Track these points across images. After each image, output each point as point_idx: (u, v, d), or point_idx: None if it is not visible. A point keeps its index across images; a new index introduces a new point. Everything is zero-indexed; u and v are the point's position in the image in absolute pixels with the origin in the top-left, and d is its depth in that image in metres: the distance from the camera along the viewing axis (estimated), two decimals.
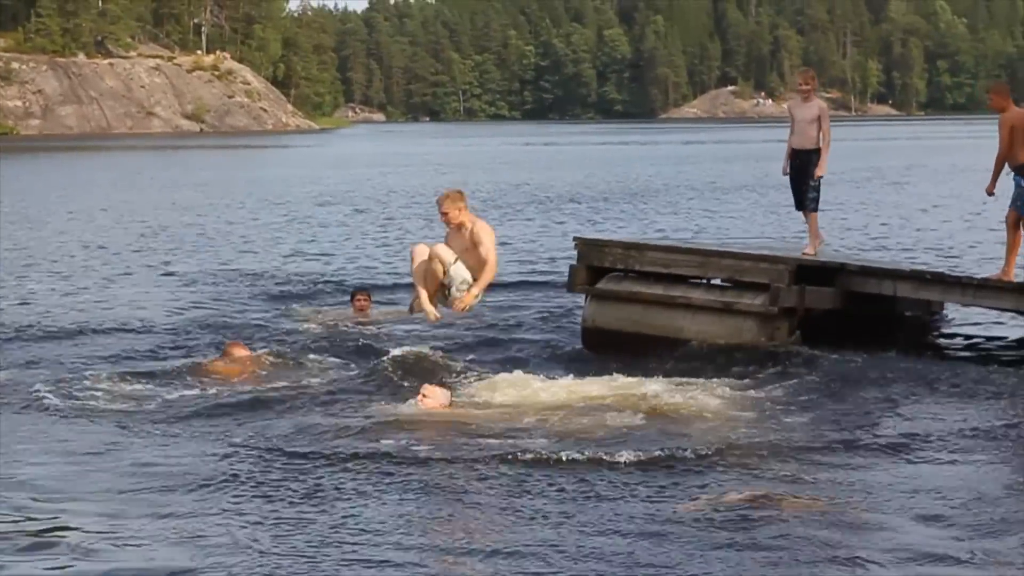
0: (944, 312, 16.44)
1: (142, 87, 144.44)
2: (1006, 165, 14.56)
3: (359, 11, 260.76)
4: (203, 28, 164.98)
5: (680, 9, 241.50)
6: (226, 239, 28.78)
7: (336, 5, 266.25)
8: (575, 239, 15.95)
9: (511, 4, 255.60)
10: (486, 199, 40.50)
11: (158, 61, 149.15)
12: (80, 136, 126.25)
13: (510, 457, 9.84)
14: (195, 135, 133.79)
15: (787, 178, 16.07)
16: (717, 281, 15.10)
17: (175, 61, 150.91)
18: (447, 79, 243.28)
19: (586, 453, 9.91)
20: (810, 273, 14.85)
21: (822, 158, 15.63)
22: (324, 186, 48.54)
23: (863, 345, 14.08)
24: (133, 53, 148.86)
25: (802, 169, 15.74)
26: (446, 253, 13.03)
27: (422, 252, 13.20)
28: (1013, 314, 15.32)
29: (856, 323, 14.65)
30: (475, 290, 12.95)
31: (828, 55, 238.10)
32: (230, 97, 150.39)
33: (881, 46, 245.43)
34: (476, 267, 13.04)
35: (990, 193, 14.62)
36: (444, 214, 13.19)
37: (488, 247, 13.05)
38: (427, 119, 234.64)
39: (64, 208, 37.27)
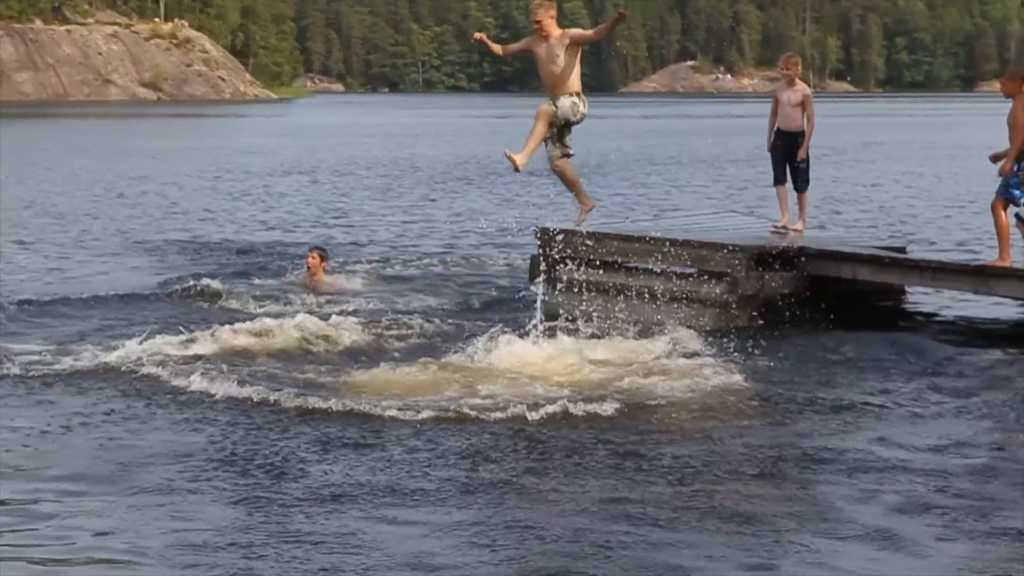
0: (907, 294, 16.47)
1: (99, 54, 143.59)
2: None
3: None
4: None
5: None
6: (185, 209, 28.63)
7: None
8: (535, 229, 15.84)
9: None
10: (445, 171, 40.46)
11: (116, 28, 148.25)
12: (36, 103, 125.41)
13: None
14: (152, 103, 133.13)
15: (765, 153, 17.06)
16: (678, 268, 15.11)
17: (133, 28, 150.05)
18: (406, 50, 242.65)
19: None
20: (770, 258, 14.89)
21: (806, 141, 16.42)
22: (283, 156, 48.35)
23: (824, 327, 14.13)
24: (91, 20, 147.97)
25: (788, 150, 16.59)
26: (544, 107, 13.68)
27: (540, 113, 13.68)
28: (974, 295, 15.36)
29: (819, 305, 14.67)
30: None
31: (787, 31, 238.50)
32: (188, 66, 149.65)
33: (840, 22, 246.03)
34: (559, 77, 13.71)
35: (1004, 175, 14.55)
36: (536, 22, 14.21)
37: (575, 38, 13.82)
38: (386, 90, 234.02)
39: (20, 175, 36.98)
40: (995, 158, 14.74)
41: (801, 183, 16.69)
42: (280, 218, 27.18)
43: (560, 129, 13.53)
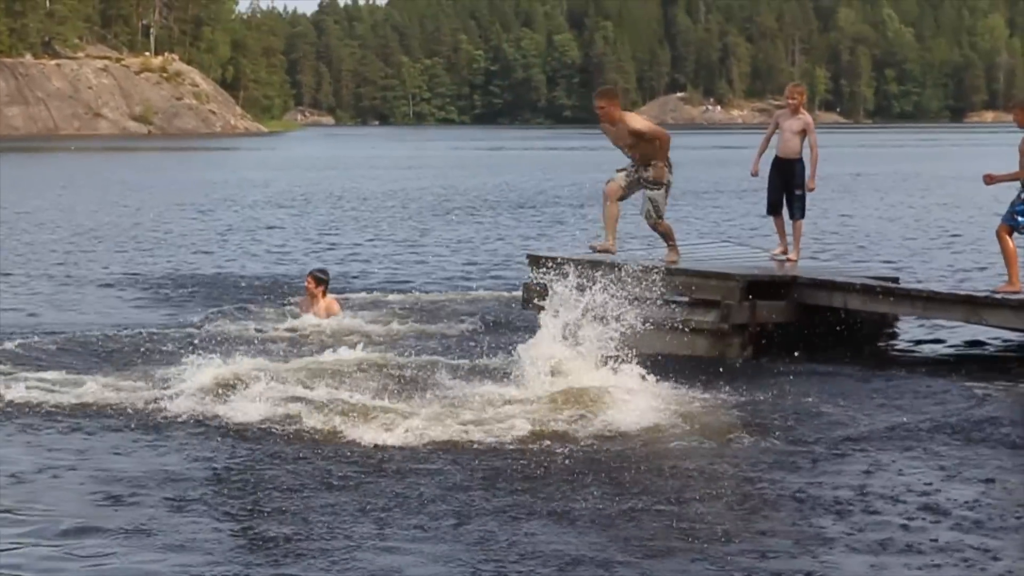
0: (898, 324, 16.52)
1: (89, 88, 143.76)
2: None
3: (308, 14, 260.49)
4: (151, 29, 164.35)
5: (630, 15, 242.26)
6: (177, 241, 28.64)
7: (285, 8, 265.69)
8: (528, 256, 15.91)
9: (461, 8, 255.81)
10: (435, 203, 40.52)
11: (106, 62, 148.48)
12: (27, 137, 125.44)
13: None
14: (143, 137, 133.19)
15: (755, 179, 17.17)
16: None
17: (123, 62, 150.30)
18: (396, 83, 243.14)
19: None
20: (762, 287, 14.95)
21: (812, 169, 16.56)
22: (274, 189, 48.42)
23: (815, 356, 14.17)
24: (81, 54, 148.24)
25: (784, 178, 16.72)
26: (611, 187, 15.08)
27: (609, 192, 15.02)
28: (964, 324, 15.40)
29: (811, 335, 14.72)
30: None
31: (777, 62, 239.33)
32: (178, 99, 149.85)
33: (829, 54, 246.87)
34: (646, 154, 14.70)
35: (988, 180, 14.84)
36: (600, 108, 14.63)
37: (647, 126, 14.81)
38: (376, 123, 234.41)
39: (12, 209, 36.99)
40: (990, 179, 14.88)
41: (797, 211, 16.71)
42: (272, 250, 27.19)
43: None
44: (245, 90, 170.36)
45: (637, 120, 14.99)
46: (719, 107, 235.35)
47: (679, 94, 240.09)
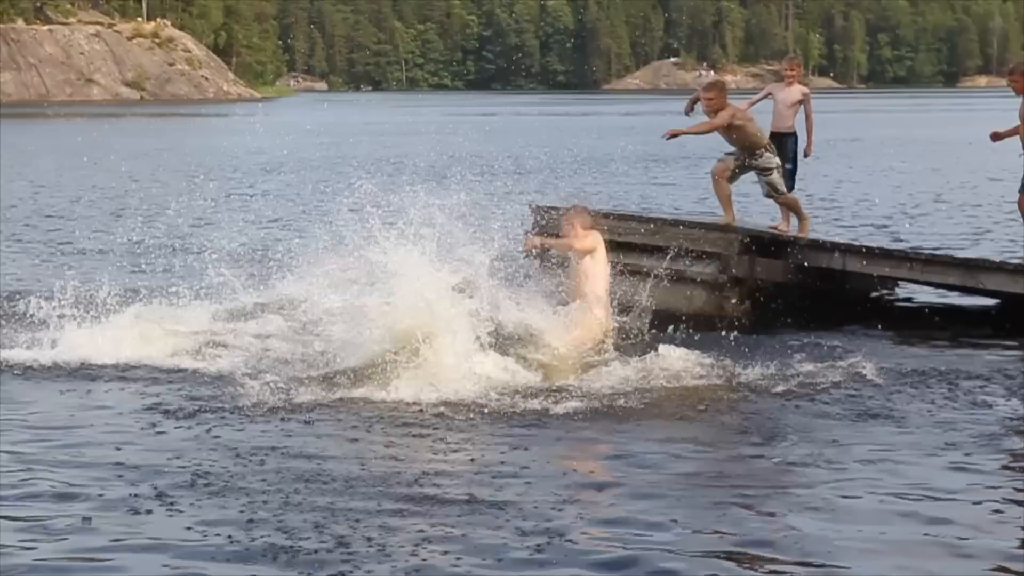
0: (896, 287, 16.53)
1: (82, 54, 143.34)
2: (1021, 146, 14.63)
3: None
4: None
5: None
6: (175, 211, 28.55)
7: None
8: (529, 205, 15.96)
9: None
10: (430, 167, 40.40)
11: (98, 28, 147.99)
12: (18, 103, 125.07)
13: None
14: (135, 103, 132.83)
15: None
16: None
17: (115, 28, 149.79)
18: (389, 48, 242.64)
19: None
20: (761, 245, 14.99)
21: (809, 137, 16.67)
22: (273, 155, 48.30)
23: (813, 317, 14.20)
24: (72, 20, 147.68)
25: (779, 152, 16.24)
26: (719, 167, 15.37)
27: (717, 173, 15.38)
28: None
29: (808, 295, 14.76)
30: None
31: (770, 27, 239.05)
32: (171, 65, 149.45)
33: (823, 18, 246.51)
34: (747, 144, 15.14)
35: (995, 137, 14.97)
36: (708, 99, 15.09)
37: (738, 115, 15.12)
38: (369, 88, 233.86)
39: (7, 176, 36.93)
40: (996, 136, 14.96)
41: (789, 184, 16.60)
42: (273, 217, 27.08)
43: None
44: (238, 56, 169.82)
45: (724, 116, 15.13)
46: (712, 72, 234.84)
47: (673, 59, 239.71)
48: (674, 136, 15.71)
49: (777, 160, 15.47)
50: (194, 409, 10.69)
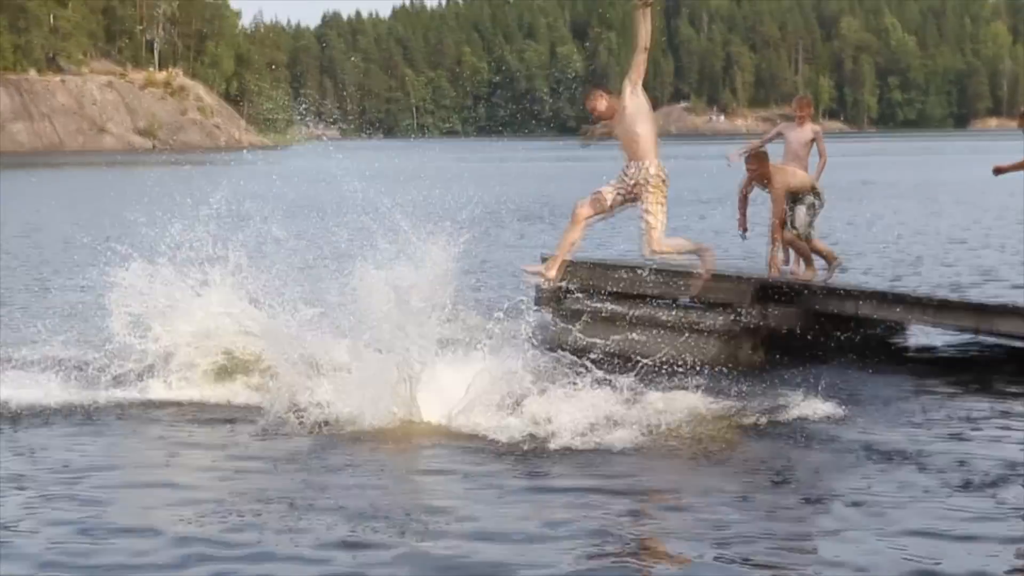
0: (908, 331, 16.49)
1: (94, 104, 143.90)
2: None
3: (312, 27, 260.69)
4: (156, 44, 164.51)
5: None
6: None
7: (289, 21, 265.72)
8: (542, 257, 15.96)
9: (464, 21, 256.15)
10: (445, 215, 40.39)
11: (110, 78, 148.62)
12: (32, 153, 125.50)
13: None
14: (148, 152, 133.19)
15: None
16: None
17: (127, 78, 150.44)
18: (401, 95, 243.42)
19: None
20: (773, 292, 14.96)
21: (818, 172, 16.72)
22: (294, 201, 48.33)
23: (826, 363, 14.16)
24: (85, 70, 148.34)
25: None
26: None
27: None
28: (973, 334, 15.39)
29: (822, 341, 14.73)
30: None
31: (780, 71, 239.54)
32: (183, 113, 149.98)
33: (833, 62, 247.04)
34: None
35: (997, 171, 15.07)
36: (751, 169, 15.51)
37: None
38: (381, 135, 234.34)
39: (21, 223, 37.01)
40: (999, 170, 14.98)
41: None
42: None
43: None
44: (250, 104, 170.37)
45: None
46: (723, 116, 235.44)
47: (683, 104, 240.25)
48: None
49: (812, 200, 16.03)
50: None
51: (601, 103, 13.30)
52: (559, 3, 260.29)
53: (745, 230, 16.75)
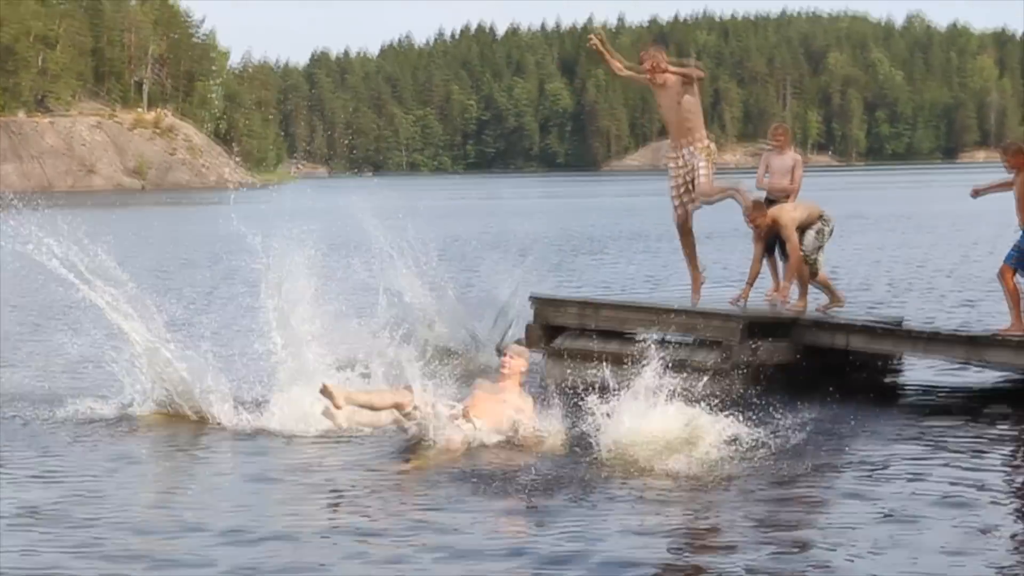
0: (901, 363, 16.43)
1: (83, 144, 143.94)
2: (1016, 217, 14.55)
3: (301, 66, 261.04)
4: (144, 85, 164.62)
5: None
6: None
7: (277, 61, 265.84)
8: (531, 297, 15.99)
9: (452, 58, 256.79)
10: (438, 251, 40.35)
11: (99, 118, 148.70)
12: (21, 193, 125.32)
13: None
14: (137, 192, 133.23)
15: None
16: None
17: (116, 118, 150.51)
18: (389, 133, 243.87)
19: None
20: (763, 327, 14.90)
21: (792, 196, 16.54)
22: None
23: (818, 397, 14.10)
24: (74, 111, 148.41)
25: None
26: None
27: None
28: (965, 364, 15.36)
29: (813, 375, 14.68)
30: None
31: (768, 106, 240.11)
32: (172, 153, 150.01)
33: (821, 97, 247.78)
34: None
35: (975, 193, 15.01)
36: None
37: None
38: (370, 173, 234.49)
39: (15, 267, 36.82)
40: (976, 192, 14.98)
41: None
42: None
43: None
44: (239, 143, 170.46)
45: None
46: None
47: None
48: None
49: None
50: None
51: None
52: (547, 40, 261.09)
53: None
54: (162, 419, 13.74)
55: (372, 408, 12.01)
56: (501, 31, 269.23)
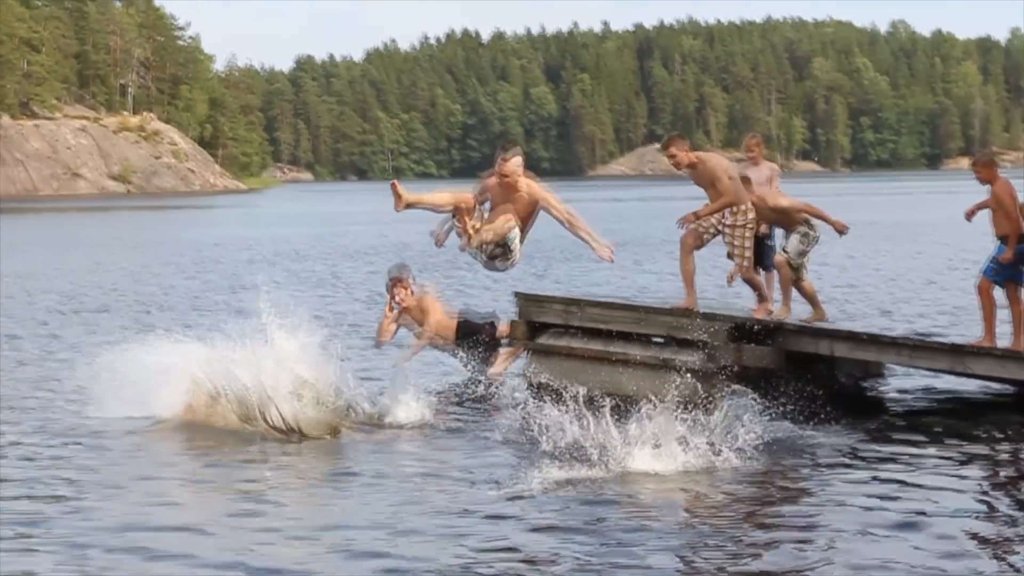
0: (885, 371, 16.49)
1: (68, 148, 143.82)
2: (992, 232, 14.58)
3: (286, 71, 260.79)
4: (129, 89, 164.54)
5: (606, 67, 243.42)
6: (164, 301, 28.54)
7: (263, 65, 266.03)
8: (515, 294, 16.05)
9: (438, 63, 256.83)
10: (422, 253, 40.49)
11: (84, 122, 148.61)
12: (5, 198, 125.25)
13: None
14: (122, 196, 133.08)
15: None
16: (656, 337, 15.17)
17: (101, 122, 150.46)
18: (374, 138, 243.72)
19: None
20: (748, 331, 14.93)
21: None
22: (261, 247, 48.38)
23: (799, 404, 14.14)
24: (59, 115, 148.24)
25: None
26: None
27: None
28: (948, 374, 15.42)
29: (795, 380, 14.71)
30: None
31: (753, 112, 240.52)
32: (157, 158, 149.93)
33: (805, 103, 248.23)
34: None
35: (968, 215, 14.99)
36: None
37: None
38: (355, 178, 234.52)
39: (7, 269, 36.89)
40: (968, 215, 14.98)
41: (769, 261, 16.57)
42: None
43: None
44: (224, 148, 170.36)
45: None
46: None
47: (657, 145, 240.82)
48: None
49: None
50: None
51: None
52: (532, 45, 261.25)
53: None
54: (163, 419, 13.77)
55: (434, 207, 13.55)
56: (486, 36, 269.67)
